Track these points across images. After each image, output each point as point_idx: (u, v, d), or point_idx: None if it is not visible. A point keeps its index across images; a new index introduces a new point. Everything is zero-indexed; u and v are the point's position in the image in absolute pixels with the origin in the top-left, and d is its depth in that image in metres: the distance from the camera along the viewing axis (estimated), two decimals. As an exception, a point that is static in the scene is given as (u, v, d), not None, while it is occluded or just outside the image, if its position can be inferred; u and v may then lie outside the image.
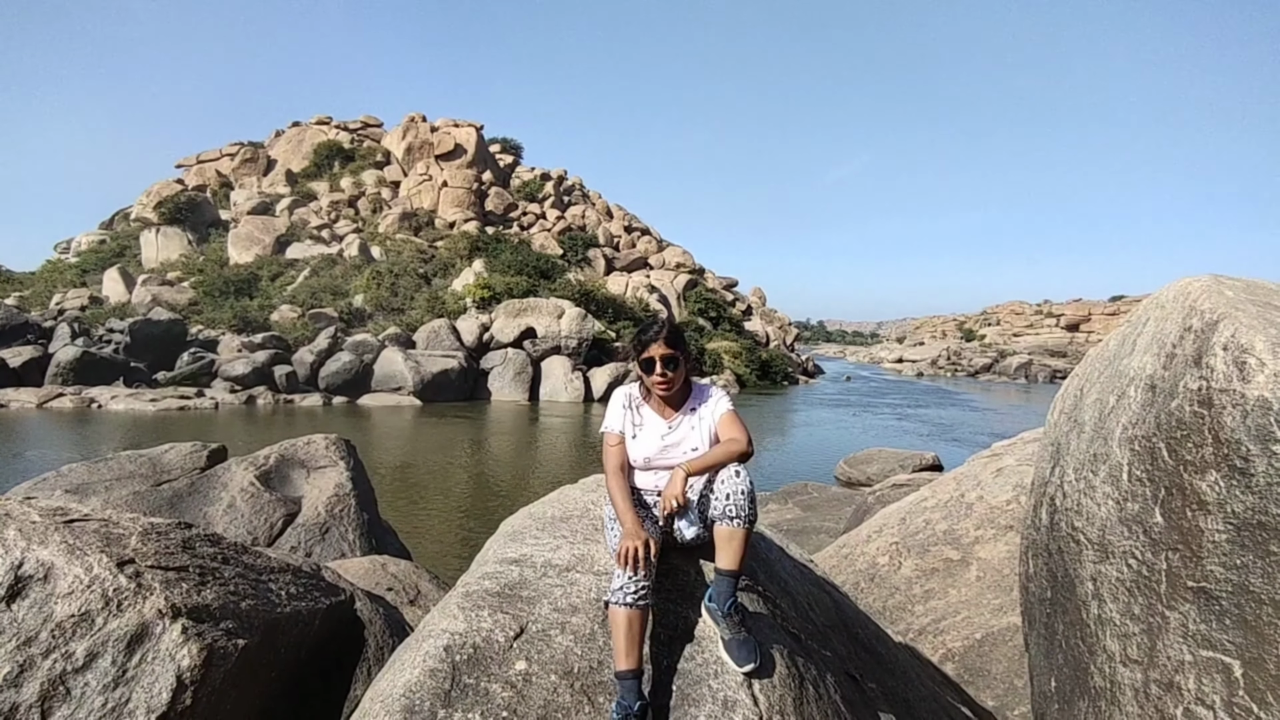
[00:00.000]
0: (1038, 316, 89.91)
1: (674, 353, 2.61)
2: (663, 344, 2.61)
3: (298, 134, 57.33)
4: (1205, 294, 2.83)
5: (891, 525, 6.63)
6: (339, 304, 38.82)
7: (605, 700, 2.13)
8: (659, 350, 2.60)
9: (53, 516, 2.80)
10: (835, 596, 3.49)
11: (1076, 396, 3.75)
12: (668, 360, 2.60)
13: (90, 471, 7.31)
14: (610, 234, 57.68)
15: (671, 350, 2.61)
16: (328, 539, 7.33)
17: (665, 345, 2.61)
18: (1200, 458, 2.48)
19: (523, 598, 2.44)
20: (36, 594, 2.45)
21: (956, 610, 5.23)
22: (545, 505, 3.18)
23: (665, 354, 2.60)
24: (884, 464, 17.68)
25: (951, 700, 3.47)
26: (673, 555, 2.63)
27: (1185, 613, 2.52)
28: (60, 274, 45.03)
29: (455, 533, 13.16)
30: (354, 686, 3.88)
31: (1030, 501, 4.08)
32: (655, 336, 2.62)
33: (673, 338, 2.64)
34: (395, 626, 4.66)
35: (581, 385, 35.53)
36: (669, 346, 2.61)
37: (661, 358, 2.60)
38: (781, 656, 2.34)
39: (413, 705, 2.05)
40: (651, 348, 2.61)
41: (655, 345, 2.61)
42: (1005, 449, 7.17)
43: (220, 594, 2.79)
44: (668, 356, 2.60)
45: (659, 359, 2.60)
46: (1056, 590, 3.43)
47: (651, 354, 2.60)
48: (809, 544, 9.50)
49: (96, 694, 2.33)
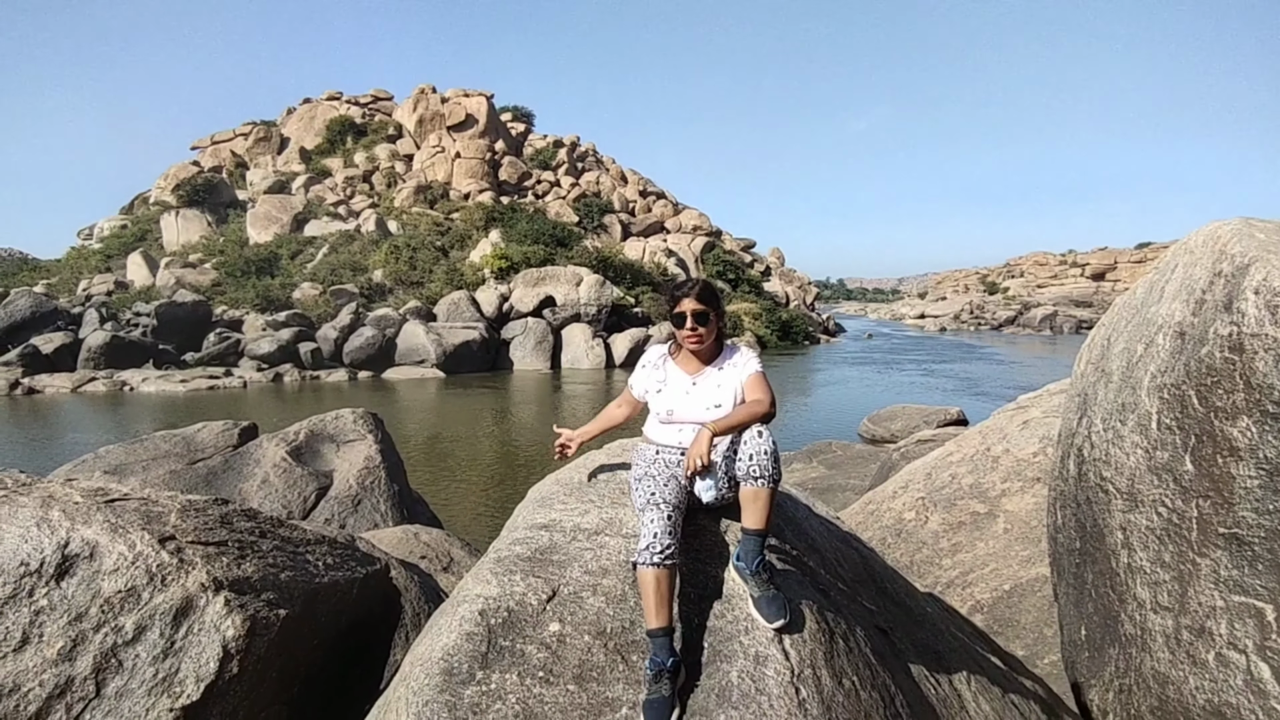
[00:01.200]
0: (1062, 267, 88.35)
1: (705, 308, 2.66)
2: (695, 299, 2.66)
3: (309, 110, 57.20)
4: (1236, 237, 2.76)
5: (917, 480, 6.63)
6: (359, 279, 39.03)
7: (638, 658, 2.17)
8: (691, 305, 2.65)
9: (94, 497, 2.87)
10: (863, 552, 3.52)
11: (1103, 346, 3.70)
12: (699, 315, 2.65)
13: (127, 452, 7.48)
14: (625, 199, 57.27)
15: (703, 306, 2.66)
16: (360, 510, 7.47)
17: (697, 300, 2.66)
18: (1231, 404, 2.45)
19: (553, 561, 2.48)
20: (84, 571, 2.53)
21: (984, 563, 5.24)
22: (572, 471, 3.22)
23: (697, 309, 2.65)
24: (908, 420, 17.61)
25: (981, 650, 3.49)
26: (700, 516, 2.65)
27: (1217, 559, 2.51)
28: (85, 260, 45.62)
29: (484, 501, 13.35)
30: (393, 652, 3.99)
31: (1057, 453, 4.06)
32: (688, 292, 2.68)
33: (705, 294, 2.69)
34: (430, 593, 4.76)
35: (603, 352, 35.60)
36: (701, 302, 2.66)
37: (693, 313, 2.65)
38: (811, 612, 2.37)
39: (451, 668, 2.10)
40: (684, 302, 2.66)
41: (688, 300, 2.66)
42: (1031, 401, 7.11)
43: (259, 566, 2.87)
44: (699, 312, 2.65)
45: (690, 314, 2.65)
46: (1085, 540, 3.42)
47: (683, 308, 2.66)
48: (835, 501, 9.54)
49: (147, 665, 2.42)
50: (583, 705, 2.05)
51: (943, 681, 2.80)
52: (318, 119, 56.04)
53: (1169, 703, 2.70)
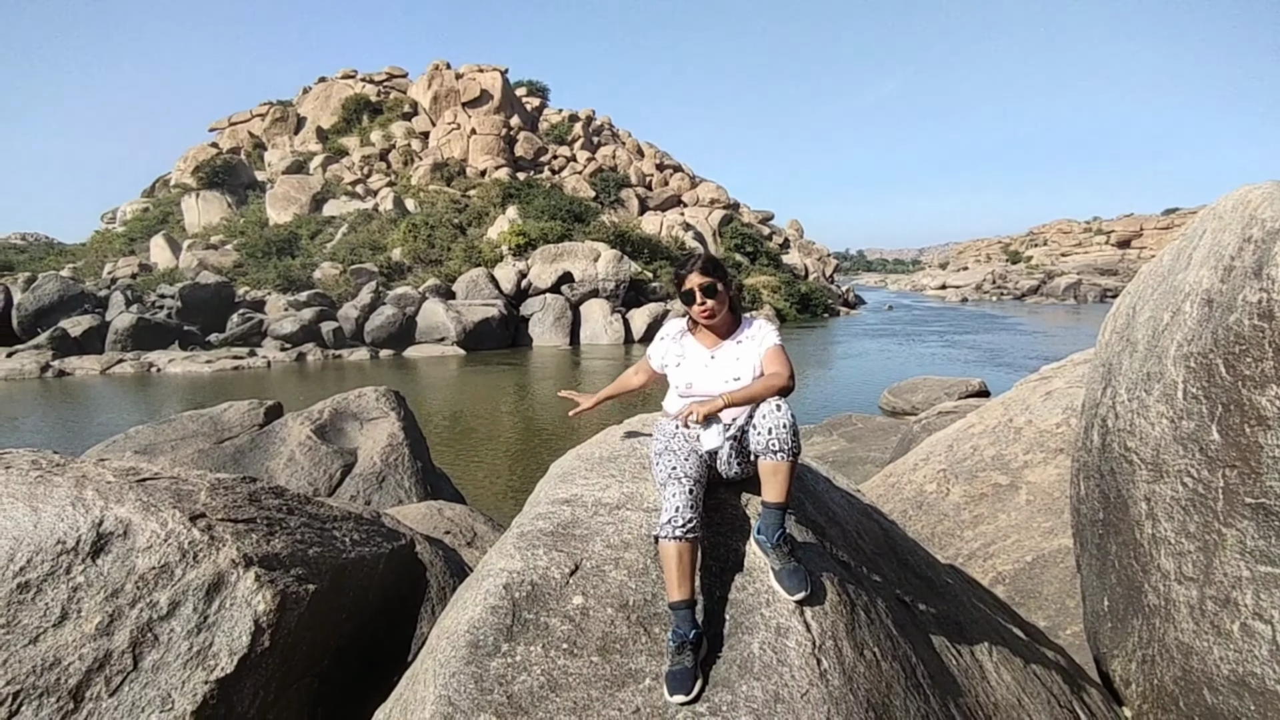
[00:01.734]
0: (1086, 234, 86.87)
1: (711, 280, 2.66)
2: (699, 273, 2.66)
3: (325, 90, 57.17)
4: (1267, 202, 2.70)
5: (939, 453, 6.60)
6: (378, 259, 39.23)
7: (661, 630, 2.20)
8: (696, 280, 2.66)
9: (126, 476, 2.94)
10: (883, 524, 3.52)
11: (1129, 315, 3.65)
12: (706, 289, 2.65)
13: (156, 433, 7.62)
14: (642, 173, 56.89)
15: (708, 278, 2.66)
16: (385, 487, 7.57)
17: (701, 274, 2.66)
18: (1260, 372, 2.41)
19: (576, 536, 2.51)
20: (118, 549, 2.60)
21: (1006, 534, 5.23)
22: (593, 446, 3.24)
23: (702, 282, 2.65)
24: (929, 392, 17.50)
25: (1003, 621, 3.50)
26: (720, 490, 2.67)
27: (1243, 529, 2.49)
28: (109, 244, 46.20)
29: (506, 476, 13.48)
30: (419, 625, 4.06)
31: (1081, 423, 4.02)
32: (691, 268, 2.69)
33: (709, 266, 2.69)
34: (455, 567, 4.84)
35: (621, 327, 35.62)
36: (705, 275, 2.66)
37: (700, 287, 2.65)
38: (832, 584, 2.38)
39: (477, 640, 2.14)
40: (689, 278, 2.67)
41: (692, 276, 2.67)
42: (1054, 372, 7.04)
43: (288, 543, 2.92)
44: (705, 285, 2.65)
45: (697, 288, 2.65)
46: (1109, 511, 3.40)
47: (689, 285, 2.67)
48: (855, 474, 9.53)
49: (182, 639, 2.48)
50: (606, 676, 2.08)
51: (964, 652, 2.81)
52: (333, 98, 56.02)
53: (1192, 673, 2.69)
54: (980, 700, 2.59)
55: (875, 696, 2.14)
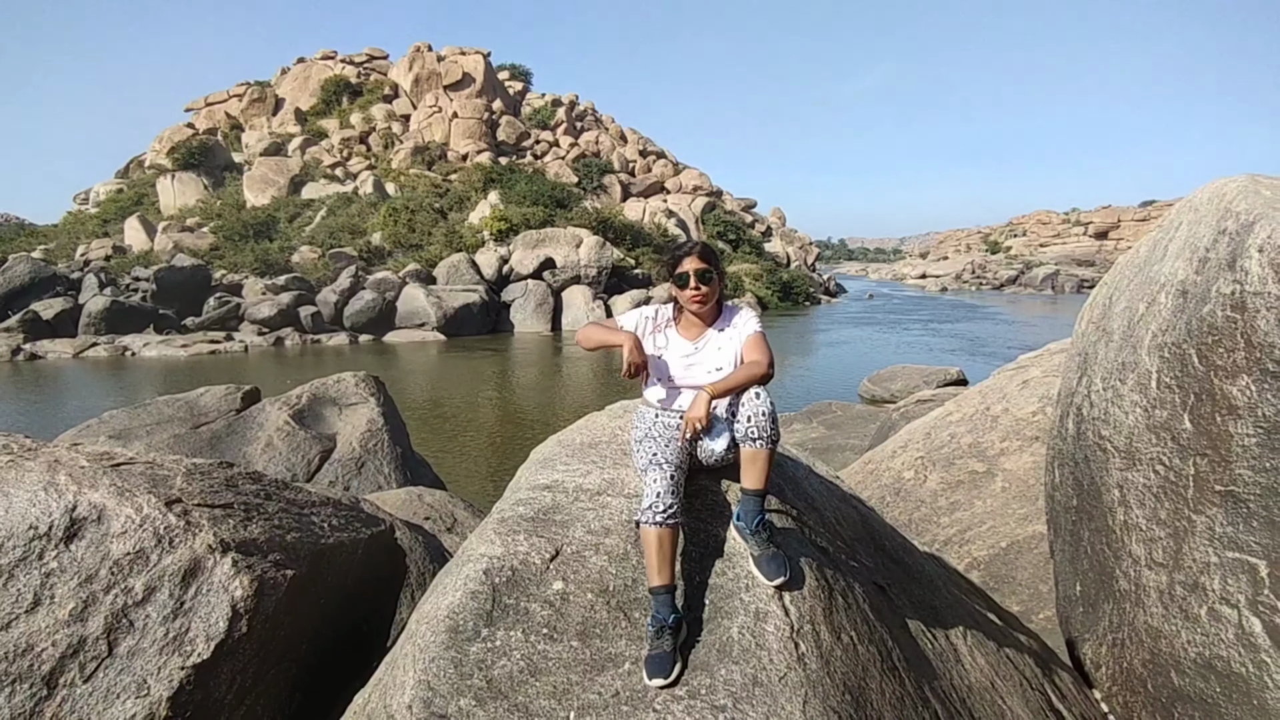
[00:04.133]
0: (1065, 225, 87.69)
1: (708, 266, 2.63)
2: (696, 258, 2.63)
3: (304, 70, 56.23)
4: (1241, 195, 2.74)
5: (917, 440, 6.67)
6: (357, 243, 38.80)
7: (640, 615, 2.21)
8: (693, 264, 2.62)
9: (100, 461, 2.90)
10: (862, 510, 3.55)
11: (1105, 305, 3.69)
12: (702, 274, 2.62)
13: (131, 417, 7.52)
14: (625, 159, 56.61)
15: (706, 264, 2.63)
16: (364, 473, 7.53)
17: (699, 259, 2.63)
18: (1232, 362, 2.45)
19: (556, 521, 2.51)
20: (92, 534, 2.56)
21: (982, 520, 5.30)
22: (574, 432, 3.24)
23: (699, 268, 2.62)
24: (908, 380, 17.64)
25: (977, 606, 3.55)
26: (701, 476, 2.67)
27: (1212, 516, 2.54)
28: (82, 225, 45.29)
29: (487, 462, 13.45)
30: (399, 610, 4.06)
31: (1057, 412, 4.07)
32: (689, 252, 2.65)
33: (707, 253, 2.67)
34: (435, 553, 4.83)
35: (603, 313, 35.55)
36: (703, 260, 2.63)
37: (696, 271, 2.61)
38: (810, 569, 2.40)
39: (457, 625, 2.14)
40: (686, 261, 2.63)
41: (690, 259, 2.63)
42: (1031, 361, 7.12)
43: (266, 528, 2.90)
44: (702, 270, 2.62)
45: (693, 273, 2.61)
46: (1082, 498, 3.46)
47: (686, 268, 2.62)
48: (835, 461, 9.60)
49: (158, 625, 2.46)
50: (586, 661, 2.09)
51: (939, 637, 2.85)
52: (312, 79, 55.12)
53: (1161, 656, 2.75)
54: (955, 683, 2.63)
55: (852, 679, 2.16)
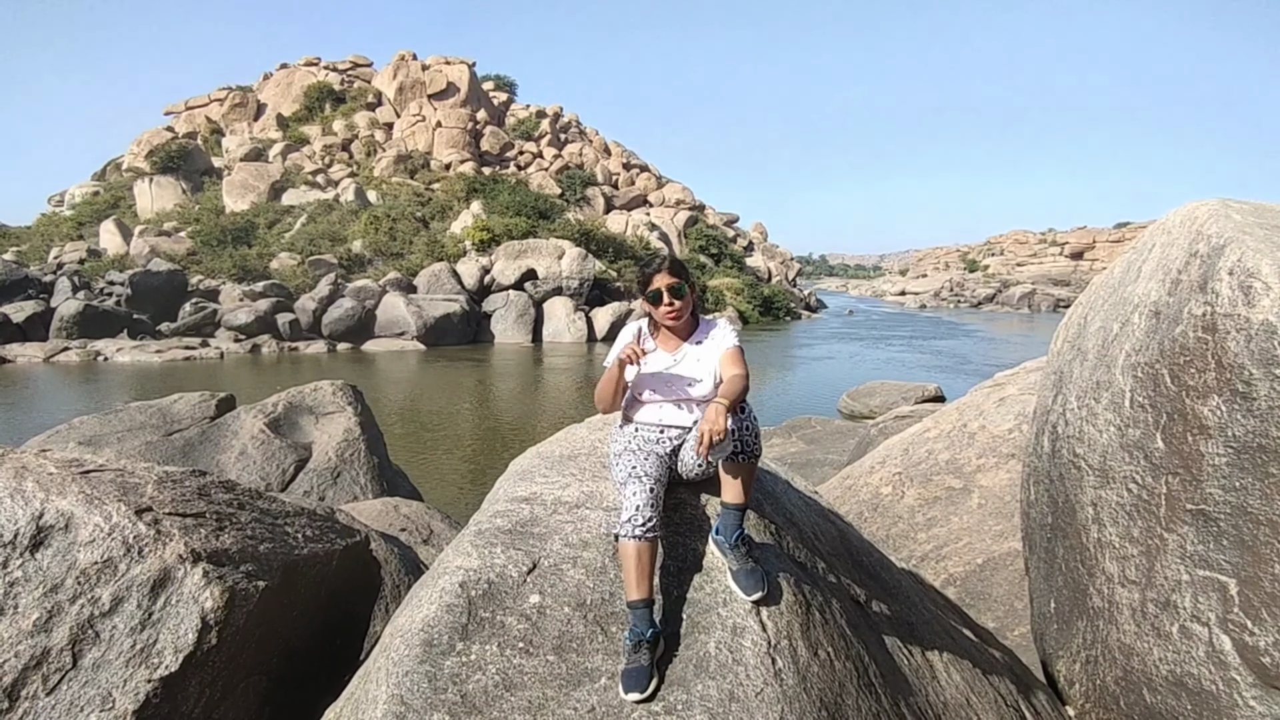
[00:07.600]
0: (1042, 245, 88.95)
1: (678, 281, 2.64)
2: (666, 274, 2.64)
3: (286, 76, 55.98)
4: (1212, 218, 2.79)
5: (894, 456, 6.71)
6: (338, 250, 38.53)
7: (618, 629, 2.20)
8: (664, 280, 2.63)
9: (69, 468, 2.84)
10: (840, 526, 3.56)
11: (1080, 325, 3.74)
12: (674, 289, 2.63)
13: (102, 423, 7.39)
14: (609, 172, 56.80)
15: (676, 279, 2.64)
16: (340, 483, 7.45)
17: (669, 275, 2.64)
18: (1203, 383, 2.49)
19: (534, 534, 2.49)
20: (59, 543, 2.51)
21: (958, 537, 5.33)
22: (553, 444, 3.22)
23: (670, 283, 2.63)
24: (886, 396, 17.78)
25: (953, 622, 3.56)
26: (680, 490, 2.67)
27: (1184, 534, 2.57)
28: (56, 227, 44.60)
29: (465, 474, 13.35)
30: (373, 623, 4.00)
31: (1032, 430, 4.11)
32: (659, 268, 2.65)
33: (676, 267, 2.67)
34: (410, 565, 4.78)
35: (584, 325, 35.53)
36: (673, 275, 2.64)
37: (668, 287, 2.62)
38: (788, 585, 2.40)
39: (431, 639, 2.12)
40: (656, 279, 2.64)
41: (660, 276, 2.64)
42: (1008, 379, 7.20)
43: (238, 538, 2.86)
44: (673, 285, 2.63)
45: (665, 289, 2.62)
46: (1057, 516, 3.49)
47: (657, 285, 2.63)
48: (813, 476, 9.63)
49: (125, 636, 2.41)
50: (562, 675, 2.07)
51: (915, 652, 2.86)
52: (295, 85, 54.88)
53: (1133, 673, 2.77)
54: (930, 700, 2.63)
55: (828, 695, 2.16)
